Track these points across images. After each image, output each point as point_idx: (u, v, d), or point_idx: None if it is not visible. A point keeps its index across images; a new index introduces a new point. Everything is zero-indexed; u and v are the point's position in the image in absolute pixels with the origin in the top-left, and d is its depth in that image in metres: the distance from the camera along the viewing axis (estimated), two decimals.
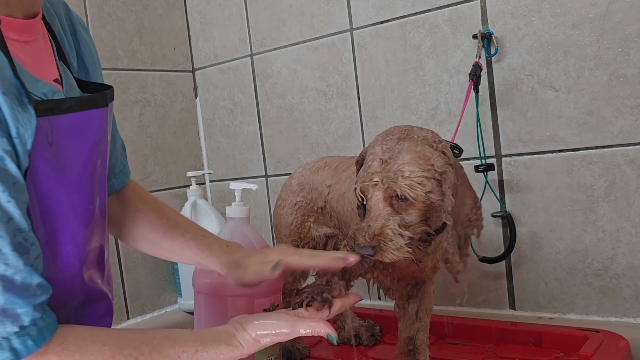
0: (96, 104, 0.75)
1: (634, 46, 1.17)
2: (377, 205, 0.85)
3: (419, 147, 0.86)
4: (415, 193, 0.83)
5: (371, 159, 0.88)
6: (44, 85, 0.70)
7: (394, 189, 0.84)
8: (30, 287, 0.63)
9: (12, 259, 0.61)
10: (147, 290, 1.71)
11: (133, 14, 1.76)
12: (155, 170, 1.79)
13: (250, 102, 1.79)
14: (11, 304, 0.61)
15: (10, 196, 0.61)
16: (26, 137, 0.64)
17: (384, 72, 1.49)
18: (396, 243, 0.83)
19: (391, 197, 0.85)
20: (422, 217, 0.86)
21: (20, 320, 0.62)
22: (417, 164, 0.84)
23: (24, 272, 0.62)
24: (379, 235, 0.83)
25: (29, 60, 0.71)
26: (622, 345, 1.09)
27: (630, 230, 1.21)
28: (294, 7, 1.64)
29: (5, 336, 0.61)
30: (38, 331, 0.63)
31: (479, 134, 1.32)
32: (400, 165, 0.84)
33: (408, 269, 0.97)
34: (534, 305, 1.34)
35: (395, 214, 0.84)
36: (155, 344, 0.71)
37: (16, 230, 0.62)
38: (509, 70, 1.31)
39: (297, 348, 1.22)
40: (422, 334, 1.03)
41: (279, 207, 1.23)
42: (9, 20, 0.68)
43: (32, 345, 0.63)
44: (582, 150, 1.25)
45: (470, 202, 0.89)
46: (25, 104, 0.65)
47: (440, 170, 0.85)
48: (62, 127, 0.70)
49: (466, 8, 1.35)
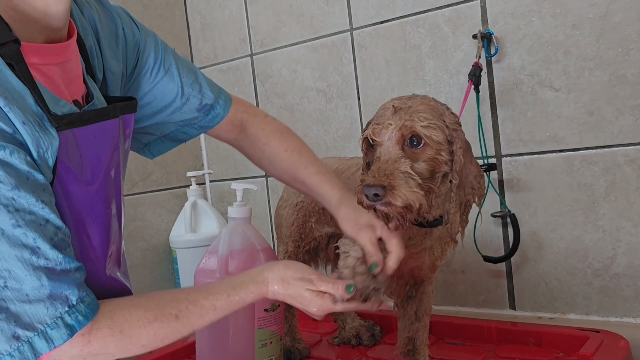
0: (109, 115, 0.81)
1: (634, 46, 1.17)
2: (388, 149, 0.83)
3: (432, 102, 0.87)
4: (430, 133, 0.82)
5: (382, 111, 0.86)
6: (64, 105, 0.76)
7: (410, 127, 0.82)
8: (70, 272, 0.71)
9: (51, 254, 0.69)
10: (147, 290, 1.70)
11: (133, 14, 1.75)
12: (155, 170, 1.79)
13: (250, 102, 1.79)
14: (57, 289, 0.69)
15: (44, 203, 0.69)
16: (47, 157, 0.71)
17: (384, 72, 1.49)
18: (408, 183, 0.79)
19: (404, 140, 0.82)
20: (429, 174, 0.84)
21: (69, 300, 0.70)
22: (431, 113, 0.84)
23: (62, 263, 0.70)
24: (390, 175, 0.80)
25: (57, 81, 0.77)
26: (622, 345, 1.09)
27: (630, 230, 1.21)
28: (294, 7, 1.64)
29: (59, 316, 0.69)
30: (86, 306, 0.71)
31: (481, 134, 1.32)
32: (415, 111, 0.83)
33: (406, 265, 0.96)
34: (534, 305, 1.34)
35: (406, 158, 0.82)
36: (190, 299, 0.79)
37: (56, 229, 0.70)
38: (509, 70, 1.31)
39: (297, 348, 1.22)
40: (421, 334, 1.03)
41: (281, 207, 1.23)
42: (31, 46, 0.74)
43: (83, 320, 0.71)
44: (582, 150, 1.25)
45: (475, 169, 0.88)
46: (47, 127, 0.72)
47: (451, 126, 0.84)
48: (84, 138, 0.77)
49: (466, 8, 1.35)
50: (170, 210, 1.81)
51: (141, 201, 1.74)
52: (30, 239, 0.68)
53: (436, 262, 0.99)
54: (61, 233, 0.71)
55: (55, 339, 0.69)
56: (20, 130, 0.69)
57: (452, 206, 0.85)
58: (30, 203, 0.68)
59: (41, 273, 0.68)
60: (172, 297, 0.80)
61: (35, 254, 0.68)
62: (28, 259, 0.68)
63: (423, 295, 1.03)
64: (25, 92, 0.71)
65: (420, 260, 0.96)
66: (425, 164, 0.83)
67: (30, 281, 0.68)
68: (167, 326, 0.76)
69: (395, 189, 0.78)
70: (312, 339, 1.32)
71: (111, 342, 0.73)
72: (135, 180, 1.73)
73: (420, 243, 0.95)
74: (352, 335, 1.27)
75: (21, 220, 0.67)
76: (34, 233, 0.68)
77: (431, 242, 0.95)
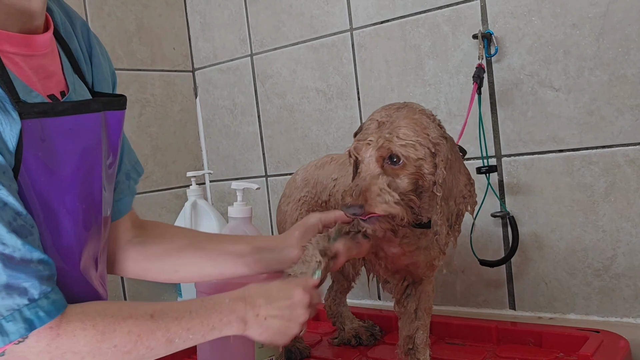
0: (89, 108, 0.79)
1: (634, 46, 1.17)
2: (368, 166, 0.86)
3: (417, 116, 0.87)
4: (407, 152, 0.84)
5: (368, 123, 0.89)
6: (36, 96, 0.74)
7: (387, 148, 0.84)
8: (32, 262, 0.66)
9: (8, 239, 0.64)
10: (147, 290, 1.71)
11: (133, 14, 1.76)
12: (155, 170, 1.79)
13: (250, 102, 1.79)
14: (15, 279, 0.64)
15: (2, 185, 0.65)
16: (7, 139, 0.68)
17: (384, 72, 1.49)
18: (383, 198, 0.83)
19: (383, 158, 0.85)
20: (412, 187, 0.86)
21: (29, 293, 0.65)
22: (413, 129, 0.85)
23: (22, 250, 0.65)
24: (365, 191, 0.83)
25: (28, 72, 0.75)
26: (622, 345, 1.09)
27: (630, 230, 1.21)
28: (294, 7, 1.64)
29: (16, 308, 0.64)
30: (50, 303, 0.67)
31: (481, 136, 1.32)
32: (396, 127, 0.85)
33: (400, 261, 0.97)
34: (534, 305, 1.34)
35: (384, 175, 0.85)
36: (165, 304, 0.77)
37: (15, 214, 0.66)
38: (509, 70, 1.31)
39: (297, 348, 1.22)
40: (421, 333, 1.03)
41: (284, 203, 1.23)
42: (3, 33, 0.73)
43: (45, 317, 0.66)
44: (582, 150, 1.25)
45: (464, 178, 0.90)
46: (9, 110, 0.69)
47: (434, 141, 0.86)
48: (55, 129, 0.74)
49: (466, 8, 1.35)
50: (170, 210, 1.81)
51: (141, 201, 1.74)
52: None
53: (434, 262, 0.99)
54: (21, 219, 0.67)
55: (11, 332, 0.64)
56: None
57: (438, 218, 0.86)
58: None
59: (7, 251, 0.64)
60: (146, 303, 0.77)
61: None
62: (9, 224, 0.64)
63: (422, 294, 1.03)
64: None
65: (415, 259, 0.97)
66: (406, 178, 0.85)
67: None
68: (142, 325, 0.72)
69: (372, 205, 0.82)
70: (312, 339, 1.32)
71: (82, 337, 0.68)
72: None
73: (415, 242, 0.95)
74: (351, 336, 1.27)
75: None
76: None
77: (427, 242, 0.95)
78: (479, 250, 1.35)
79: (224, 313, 0.78)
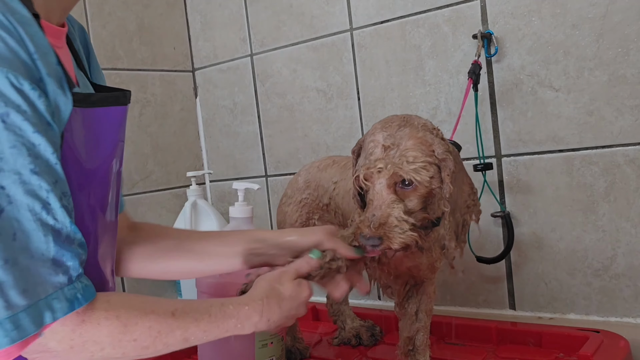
0: (117, 101, 0.79)
1: (634, 46, 1.17)
2: (381, 193, 0.85)
3: (420, 133, 0.86)
4: (421, 177, 0.84)
5: (372, 146, 0.88)
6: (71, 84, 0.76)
7: (399, 175, 0.84)
8: (74, 243, 0.66)
9: (60, 214, 0.64)
10: (146, 290, 1.71)
11: (133, 13, 1.76)
12: (155, 170, 1.79)
13: (250, 102, 1.79)
14: (61, 256, 0.64)
15: (58, 159, 0.64)
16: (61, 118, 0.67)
17: (384, 72, 1.49)
18: (401, 228, 0.82)
19: (395, 184, 0.85)
20: (422, 205, 0.86)
21: (69, 274, 0.65)
22: (420, 149, 0.85)
23: (68, 228, 0.65)
24: (384, 224, 0.83)
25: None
26: (622, 345, 1.09)
27: (630, 230, 1.21)
28: (294, 7, 1.64)
29: (60, 287, 0.64)
30: (84, 288, 0.66)
31: (478, 134, 1.32)
32: (404, 150, 0.85)
33: (402, 265, 0.97)
34: (534, 305, 1.34)
35: (398, 202, 0.84)
36: (186, 302, 0.76)
37: (62, 193, 0.65)
38: (509, 70, 1.31)
39: (297, 348, 1.22)
40: (421, 334, 1.03)
41: (284, 204, 1.23)
42: (47, 24, 0.73)
43: (82, 299, 0.65)
44: (582, 150, 1.25)
45: (467, 188, 0.90)
46: (65, 89, 0.69)
47: (440, 157, 0.85)
48: (87, 120, 0.74)
49: (466, 8, 1.35)
50: (170, 210, 1.81)
51: (141, 201, 1.74)
52: (44, 192, 0.62)
53: (435, 264, 0.99)
54: (66, 199, 0.66)
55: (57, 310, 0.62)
56: (45, 81, 0.65)
57: (447, 233, 0.87)
58: (48, 153, 0.63)
59: (48, 232, 0.63)
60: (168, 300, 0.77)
61: (46, 209, 0.62)
62: (39, 213, 0.62)
63: (423, 296, 1.03)
64: (49, 50, 0.68)
65: (417, 261, 0.97)
66: (416, 199, 0.86)
67: (37, 238, 0.62)
68: (163, 322, 0.71)
69: (391, 239, 0.82)
70: (312, 339, 1.32)
71: (105, 327, 0.67)
72: (135, 180, 1.73)
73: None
74: (352, 335, 1.27)
75: (39, 168, 0.62)
76: (48, 186, 0.62)
77: (429, 244, 0.95)
78: (478, 249, 1.35)
79: (241, 320, 0.78)
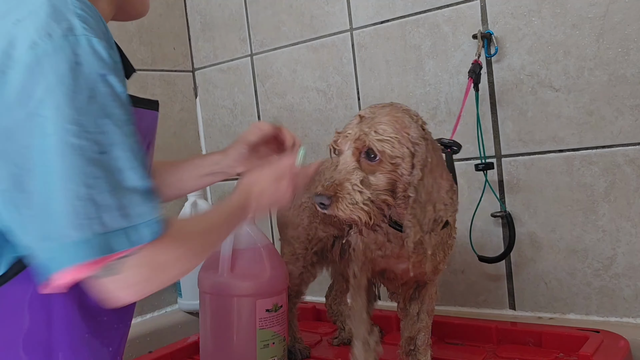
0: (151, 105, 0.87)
1: (634, 46, 1.17)
2: (345, 160, 0.85)
3: (399, 114, 0.87)
4: (382, 148, 0.83)
5: (352, 119, 0.90)
6: None
7: (364, 141, 0.84)
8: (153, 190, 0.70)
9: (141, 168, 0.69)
10: None
11: None
12: None
13: (250, 102, 1.79)
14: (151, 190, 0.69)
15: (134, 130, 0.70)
16: None
17: (384, 72, 1.49)
18: (353, 198, 0.82)
19: (360, 152, 0.85)
20: (387, 186, 0.85)
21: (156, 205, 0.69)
22: (393, 126, 0.85)
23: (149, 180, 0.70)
24: (337, 186, 0.83)
25: None
26: (622, 345, 1.09)
27: (630, 230, 1.21)
28: (294, 7, 1.64)
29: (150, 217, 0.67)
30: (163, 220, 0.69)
31: (479, 134, 1.32)
32: (377, 123, 0.85)
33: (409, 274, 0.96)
34: (534, 305, 1.34)
35: (359, 171, 0.84)
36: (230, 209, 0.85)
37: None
38: (509, 70, 1.31)
39: (297, 348, 1.22)
40: (423, 334, 1.03)
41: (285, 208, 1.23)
42: None
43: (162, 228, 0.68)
44: (582, 150, 1.25)
45: (446, 184, 0.89)
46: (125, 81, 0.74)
47: (414, 140, 0.85)
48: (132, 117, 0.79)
49: (466, 8, 1.35)
50: (170, 210, 1.81)
51: None
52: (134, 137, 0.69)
53: (439, 266, 0.98)
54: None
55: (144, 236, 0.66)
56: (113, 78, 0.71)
57: (409, 220, 0.85)
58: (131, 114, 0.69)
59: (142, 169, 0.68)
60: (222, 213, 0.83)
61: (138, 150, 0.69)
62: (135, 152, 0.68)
63: (426, 297, 1.03)
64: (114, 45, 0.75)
65: (423, 268, 0.96)
66: (383, 176, 0.85)
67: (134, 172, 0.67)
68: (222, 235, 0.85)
69: (338, 202, 0.82)
70: (312, 339, 1.32)
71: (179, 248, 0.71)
72: None
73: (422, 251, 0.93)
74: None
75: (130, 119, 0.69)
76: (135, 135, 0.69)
77: (433, 250, 0.95)
78: (479, 249, 1.35)
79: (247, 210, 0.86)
